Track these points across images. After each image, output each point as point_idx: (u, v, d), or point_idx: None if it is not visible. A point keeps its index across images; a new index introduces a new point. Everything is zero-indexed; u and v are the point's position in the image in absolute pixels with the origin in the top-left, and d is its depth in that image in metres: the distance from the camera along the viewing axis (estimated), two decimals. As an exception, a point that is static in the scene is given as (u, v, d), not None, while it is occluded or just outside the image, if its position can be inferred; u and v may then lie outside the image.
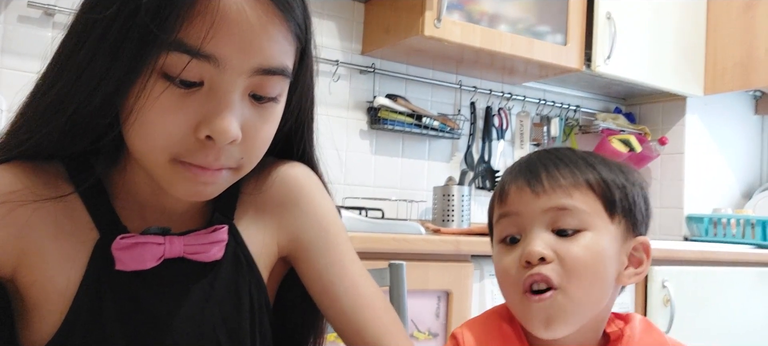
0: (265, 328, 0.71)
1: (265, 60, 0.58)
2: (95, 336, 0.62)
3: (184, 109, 0.57)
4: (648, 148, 2.69)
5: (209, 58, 0.56)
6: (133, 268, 0.63)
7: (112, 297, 0.63)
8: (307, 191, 0.75)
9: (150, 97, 0.56)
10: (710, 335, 2.17)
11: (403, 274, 1.11)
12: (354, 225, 1.69)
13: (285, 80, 0.62)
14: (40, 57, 0.64)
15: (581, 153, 0.76)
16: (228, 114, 0.57)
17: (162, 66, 0.56)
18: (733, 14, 2.55)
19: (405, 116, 2.22)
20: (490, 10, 2.09)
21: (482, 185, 2.47)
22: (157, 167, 0.60)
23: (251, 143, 0.61)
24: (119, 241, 0.62)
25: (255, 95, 0.60)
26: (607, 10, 2.30)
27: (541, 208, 0.70)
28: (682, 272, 2.12)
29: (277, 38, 0.59)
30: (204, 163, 0.58)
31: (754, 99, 2.99)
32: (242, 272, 0.69)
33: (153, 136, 0.58)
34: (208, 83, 0.57)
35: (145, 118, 0.57)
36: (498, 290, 0.75)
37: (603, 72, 2.31)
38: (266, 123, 0.62)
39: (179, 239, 0.65)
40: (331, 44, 2.20)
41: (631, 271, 0.74)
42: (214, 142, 0.57)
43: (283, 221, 0.73)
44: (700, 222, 2.63)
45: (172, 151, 0.58)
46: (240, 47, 0.56)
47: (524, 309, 0.70)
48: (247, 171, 0.64)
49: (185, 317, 0.65)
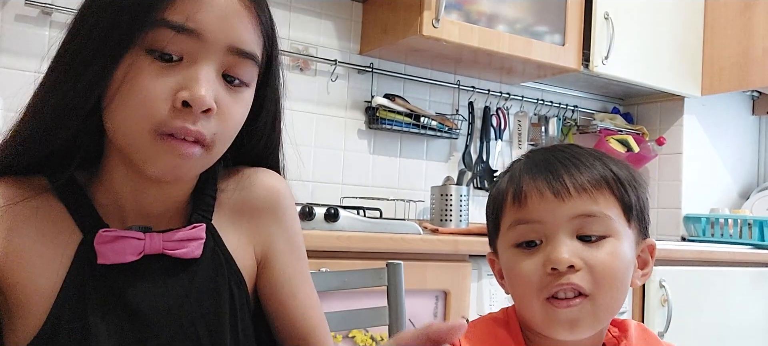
0: (246, 324, 0.73)
1: (240, 41, 0.65)
2: (79, 331, 0.64)
3: (163, 78, 0.62)
4: (646, 149, 2.70)
5: (191, 32, 0.62)
6: (113, 261, 0.66)
7: (95, 292, 0.65)
8: (285, 203, 0.79)
9: (134, 72, 0.62)
10: (707, 335, 2.17)
11: (401, 274, 1.11)
12: (352, 225, 1.69)
13: (255, 69, 0.68)
14: (37, 56, 0.65)
15: (590, 150, 0.74)
16: (204, 82, 0.63)
17: (147, 43, 0.62)
18: (730, 15, 2.56)
19: (403, 116, 2.22)
20: (489, 10, 2.09)
21: (480, 185, 2.47)
22: (139, 139, 0.63)
23: (224, 121, 0.65)
24: (101, 234, 0.66)
25: (228, 77, 0.66)
26: (605, 11, 2.30)
27: (568, 215, 0.68)
28: (679, 272, 2.12)
29: (248, 26, 0.66)
30: (181, 130, 0.62)
31: (751, 99, 3.00)
32: (221, 269, 0.72)
33: (135, 107, 0.62)
34: (187, 57, 0.63)
35: (128, 90, 0.62)
36: (496, 291, 0.75)
37: (601, 72, 2.31)
38: (237, 105, 0.67)
39: (159, 236, 0.68)
40: (329, 44, 2.20)
41: (639, 273, 0.74)
42: (191, 110, 0.62)
43: (259, 227, 0.77)
44: (698, 222, 2.63)
45: (153, 120, 0.62)
46: (218, 24, 0.64)
47: (547, 315, 0.69)
48: (217, 154, 0.67)
49: (165, 311, 0.67)
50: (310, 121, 2.16)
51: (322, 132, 2.19)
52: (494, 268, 0.79)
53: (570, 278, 0.67)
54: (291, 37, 2.13)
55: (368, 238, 1.56)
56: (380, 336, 1.58)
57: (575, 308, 0.67)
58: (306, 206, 1.68)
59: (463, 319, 0.58)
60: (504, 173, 0.77)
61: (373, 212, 2.05)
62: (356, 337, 1.56)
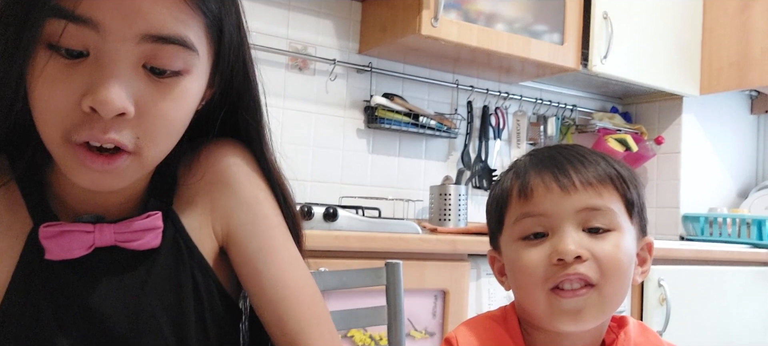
0: (216, 313, 0.68)
1: (153, 26, 0.55)
2: (29, 327, 0.61)
3: (69, 80, 0.55)
4: (644, 148, 2.70)
5: (87, 22, 0.54)
6: (61, 257, 0.61)
7: (44, 287, 0.62)
8: (238, 172, 0.71)
9: (37, 70, 0.55)
10: (706, 334, 2.17)
11: (400, 273, 1.11)
12: (351, 224, 1.69)
13: (188, 53, 0.58)
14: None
15: (593, 150, 0.76)
16: (112, 83, 0.54)
17: (45, 36, 0.54)
18: (729, 14, 2.56)
19: (402, 115, 2.22)
20: (487, 10, 2.09)
21: (479, 185, 2.47)
22: (54, 148, 0.57)
23: (148, 121, 0.57)
24: (44, 229, 0.61)
25: (153, 69, 0.57)
26: (604, 10, 2.30)
27: (574, 207, 0.69)
28: (678, 271, 2.12)
29: (165, 4, 0.56)
30: (92, 138, 0.55)
31: (749, 99, 3.00)
32: (182, 258, 0.67)
33: (43, 111, 0.56)
34: (93, 53, 0.55)
35: (35, 93, 0.56)
36: (495, 290, 0.75)
37: (599, 71, 2.31)
38: (167, 99, 0.58)
39: (110, 227, 0.63)
40: (328, 43, 2.20)
41: (639, 270, 0.75)
42: (100, 116, 0.55)
43: (214, 203, 0.70)
44: (696, 221, 2.64)
45: (62, 127, 0.56)
46: (119, 11, 0.54)
47: (551, 305, 0.69)
48: (152, 155, 0.60)
49: (119, 305, 0.63)
50: (308, 121, 2.16)
51: (321, 131, 2.19)
52: (494, 266, 0.80)
53: (577, 267, 0.68)
54: (290, 37, 2.13)
55: (367, 237, 1.56)
56: (379, 336, 1.58)
57: (581, 298, 0.68)
58: (305, 205, 1.68)
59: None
60: (507, 171, 0.78)
61: (371, 212, 2.05)
62: (355, 336, 1.56)
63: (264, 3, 2.08)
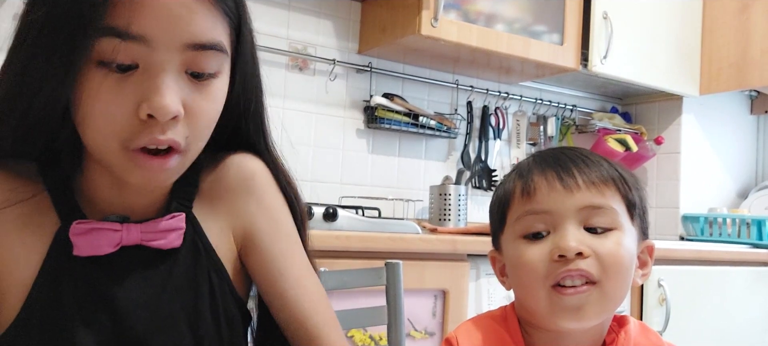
0: (230, 314, 0.72)
1: (194, 36, 0.60)
2: (54, 321, 0.64)
3: (123, 93, 0.59)
4: (644, 148, 2.70)
5: (137, 38, 0.58)
6: (89, 253, 0.65)
7: (70, 283, 0.65)
8: (260, 182, 0.76)
9: (91, 88, 0.59)
10: (706, 334, 2.18)
11: (400, 273, 1.11)
12: (351, 224, 1.69)
13: (221, 55, 0.64)
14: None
15: (595, 153, 0.77)
16: (165, 90, 0.59)
17: (96, 54, 0.58)
18: (728, 15, 2.56)
19: (402, 115, 2.22)
20: (487, 10, 2.09)
21: (479, 185, 2.47)
22: (111, 156, 0.62)
23: (195, 120, 0.63)
24: (76, 226, 0.64)
25: (193, 73, 0.62)
26: (604, 10, 2.30)
27: (576, 205, 0.70)
28: (677, 271, 2.12)
29: (202, 13, 0.61)
30: (152, 141, 0.60)
31: (749, 99, 3.00)
32: (200, 259, 0.71)
33: (100, 125, 0.60)
34: (142, 65, 0.59)
35: (89, 109, 0.60)
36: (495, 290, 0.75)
37: (599, 72, 2.31)
38: (208, 100, 0.64)
39: (136, 227, 0.67)
40: (328, 43, 2.20)
41: (639, 272, 0.76)
42: (157, 120, 0.60)
43: (235, 209, 0.75)
44: (696, 222, 2.64)
45: (120, 137, 0.60)
46: (166, 25, 0.59)
47: (552, 302, 0.69)
48: (195, 153, 0.66)
49: (142, 303, 0.67)
50: (308, 121, 2.16)
51: (321, 131, 2.19)
52: (495, 265, 0.80)
53: (578, 264, 0.68)
54: (289, 37, 2.13)
55: (367, 237, 1.56)
56: (379, 336, 1.58)
57: (582, 295, 0.68)
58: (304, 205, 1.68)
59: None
60: (510, 172, 0.79)
61: (371, 212, 2.05)
62: (355, 336, 1.56)
63: (264, 3, 2.08)
